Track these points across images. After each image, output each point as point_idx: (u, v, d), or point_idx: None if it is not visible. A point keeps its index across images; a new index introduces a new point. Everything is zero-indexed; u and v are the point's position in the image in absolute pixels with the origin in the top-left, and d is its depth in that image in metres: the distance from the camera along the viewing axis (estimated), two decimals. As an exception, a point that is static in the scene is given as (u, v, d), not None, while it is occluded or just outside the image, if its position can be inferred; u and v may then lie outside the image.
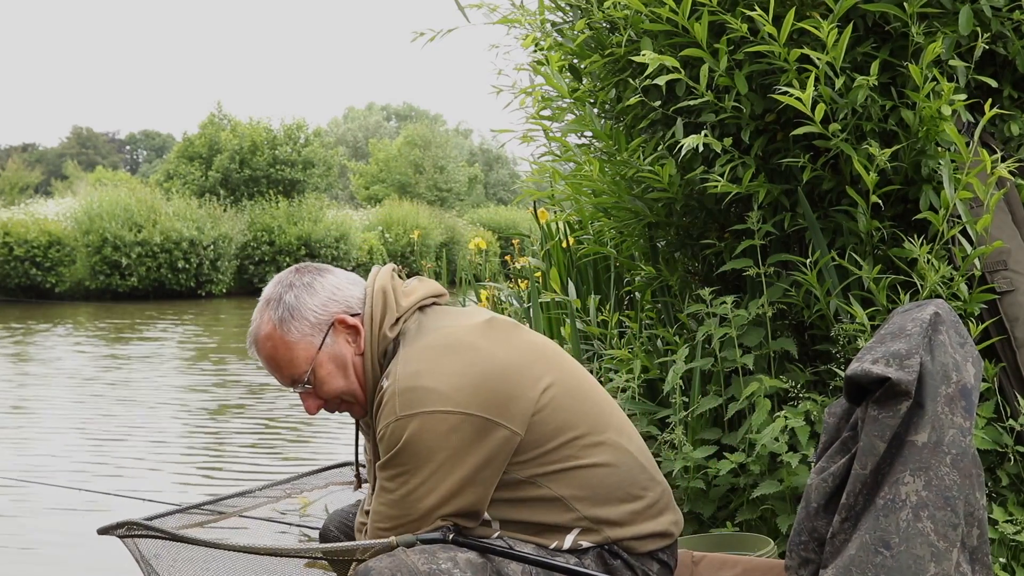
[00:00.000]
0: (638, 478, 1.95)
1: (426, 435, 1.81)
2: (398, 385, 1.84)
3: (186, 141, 28.59)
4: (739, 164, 2.90)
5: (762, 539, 2.51)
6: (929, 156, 2.77)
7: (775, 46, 2.65)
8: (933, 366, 1.68)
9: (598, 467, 1.91)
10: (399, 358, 1.90)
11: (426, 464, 1.81)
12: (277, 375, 1.99)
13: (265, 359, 1.99)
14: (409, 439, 1.81)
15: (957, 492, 1.63)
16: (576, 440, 1.90)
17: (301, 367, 1.96)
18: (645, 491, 1.96)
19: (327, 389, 1.96)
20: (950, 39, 2.77)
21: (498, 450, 1.84)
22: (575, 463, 1.89)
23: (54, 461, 6.60)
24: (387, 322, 1.96)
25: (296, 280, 1.99)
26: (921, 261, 2.67)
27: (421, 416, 1.81)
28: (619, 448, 1.95)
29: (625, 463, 1.94)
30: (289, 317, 1.96)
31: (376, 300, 1.98)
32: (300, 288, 1.98)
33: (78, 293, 22.26)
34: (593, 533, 1.90)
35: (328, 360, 1.96)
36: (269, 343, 1.97)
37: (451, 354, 1.88)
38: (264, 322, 1.98)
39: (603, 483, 1.91)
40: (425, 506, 1.82)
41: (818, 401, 2.81)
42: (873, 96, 2.73)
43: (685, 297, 3.35)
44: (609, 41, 3.18)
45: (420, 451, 1.81)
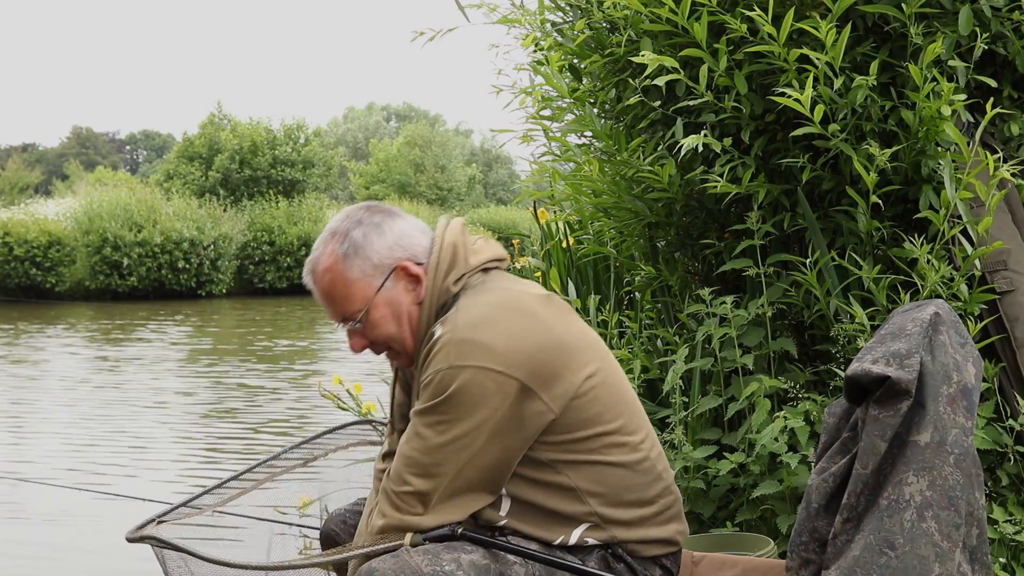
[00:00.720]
0: (654, 485, 1.95)
1: (475, 389, 1.79)
2: (456, 334, 1.82)
3: (186, 141, 28.61)
4: (739, 164, 2.90)
5: (762, 539, 2.51)
6: (929, 156, 2.77)
7: (774, 46, 2.65)
8: (934, 366, 1.68)
9: (619, 467, 1.90)
10: (459, 307, 1.88)
11: (467, 418, 1.80)
12: (329, 309, 1.96)
13: (320, 291, 1.95)
14: (457, 389, 1.79)
15: (960, 492, 1.63)
16: (604, 436, 1.90)
17: (355, 306, 1.93)
18: (658, 498, 1.96)
19: (377, 332, 1.94)
20: (950, 39, 2.76)
21: (531, 423, 1.83)
22: (598, 458, 1.89)
23: (50, 460, 6.60)
24: (452, 276, 1.94)
25: (366, 218, 1.96)
26: (921, 261, 2.67)
27: (473, 369, 1.79)
28: (643, 452, 1.95)
29: (645, 468, 1.94)
30: (353, 254, 1.93)
31: (445, 252, 1.95)
32: (369, 227, 1.95)
33: (78, 293, 22.26)
34: (600, 531, 1.90)
35: (384, 304, 1.93)
36: (328, 276, 1.94)
37: (512, 315, 1.87)
38: (326, 254, 1.94)
39: (620, 483, 1.91)
40: (456, 461, 1.81)
41: (818, 401, 2.81)
42: (873, 96, 2.73)
43: (685, 297, 3.35)
44: (609, 41, 3.18)
45: (464, 403, 1.79)
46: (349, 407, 4.07)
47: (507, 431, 1.82)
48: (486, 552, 1.82)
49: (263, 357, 12.14)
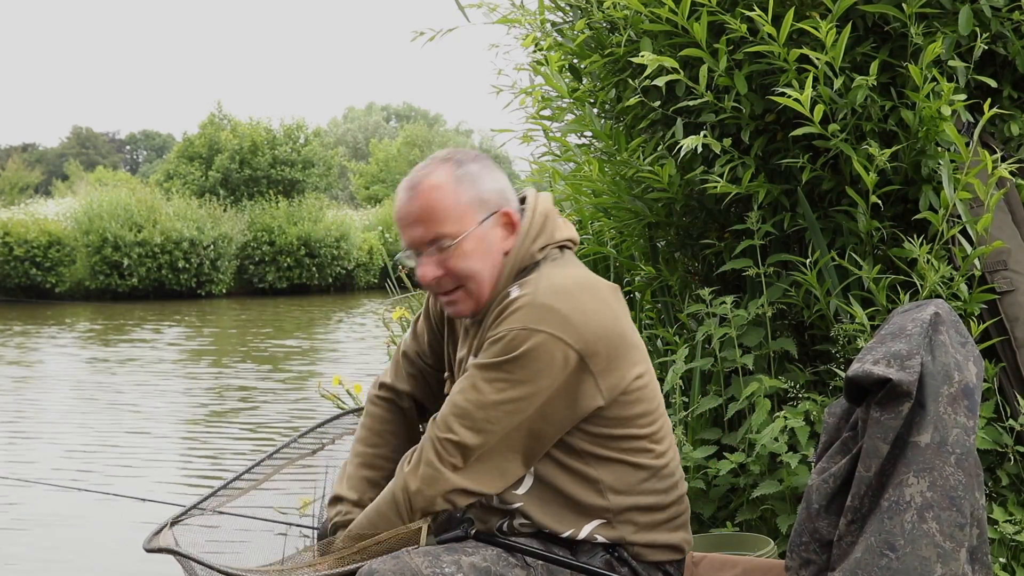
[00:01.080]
0: (671, 492, 1.97)
1: (543, 355, 1.79)
2: (537, 297, 1.83)
3: (186, 141, 28.61)
4: (739, 164, 2.89)
5: (762, 539, 2.51)
6: (929, 156, 2.77)
7: (774, 46, 2.65)
8: (934, 366, 1.68)
9: (643, 469, 1.92)
10: (542, 274, 1.89)
11: (528, 382, 1.80)
12: (421, 227, 1.90)
13: (420, 205, 1.90)
14: (526, 351, 1.79)
15: (963, 492, 1.63)
16: (637, 439, 1.92)
17: (453, 228, 1.89)
18: (672, 505, 1.97)
19: (461, 265, 1.90)
20: (950, 39, 2.76)
21: (581, 404, 1.84)
22: (627, 458, 1.91)
23: (50, 461, 6.60)
24: (539, 243, 1.94)
25: (479, 157, 1.96)
26: (921, 261, 2.67)
27: (547, 335, 1.80)
28: (665, 459, 1.96)
29: (665, 475, 1.96)
30: (468, 181, 1.91)
31: (537, 218, 1.96)
32: (483, 166, 1.95)
33: (78, 293, 22.27)
34: (611, 529, 1.90)
35: (478, 240, 1.91)
36: (435, 192, 1.90)
37: (588, 295, 1.88)
38: (440, 172, 1.91)
39: (641, 485, 1.92)
40: (507, 423, 1.80)
41: (818, 401, 2.81)
42: (873, 96, 2.73)
43: (685, 297, 3.34)
44: (609, 41, 3.18)
45: (529, 366, 1.79)
46: (348, 407, 4.06)
47: (559, 405, 1.82)
48: (487, 555, 1.82)
49: (263, 358, 12.13)
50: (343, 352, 12.90)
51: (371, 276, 26.52)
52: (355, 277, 26.25)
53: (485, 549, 1.83)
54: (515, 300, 1.84)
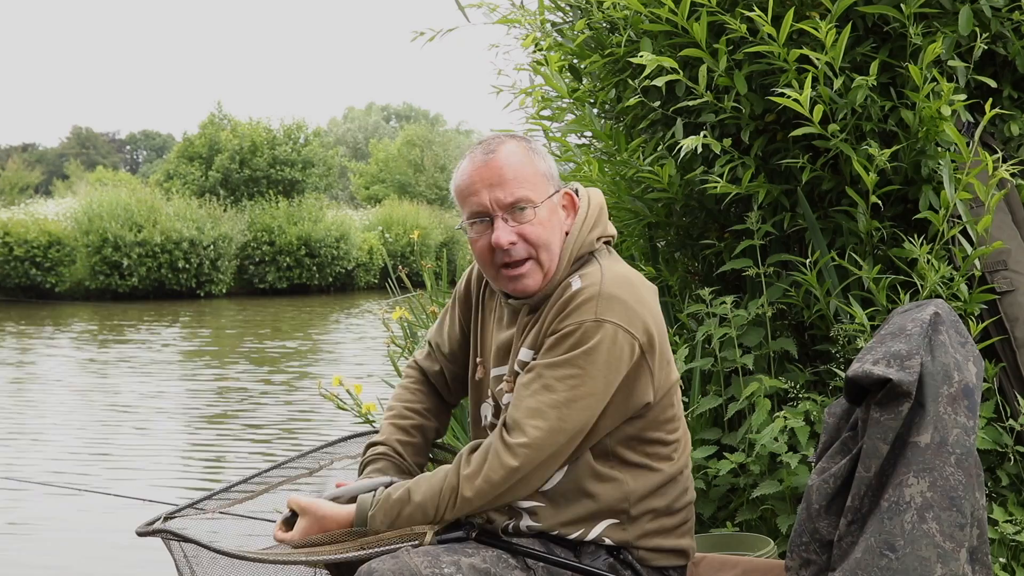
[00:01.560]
0: (681, 498, 1.98)
1: (613, 347, 1.80)
2: (604, 289, 1.83)
3: (186, 141, 28.60)
4: (739, 164, 2.89)
5: (762, 539, 2.51)
6: (929, 156, 2.77)
7: (774, 46, 2.65)
8: (934, 366, 1.68)
9: (662, 473, 1.93)
10: (603, 267, 1.89)
11: (600, 376, 1.80)
12: (502, 189, 1.88)
13: (503, 165, 1.88)
14: (598, 344, 1.79)
15: (963, 492, 1.63)
16: (664, 444, 1.94)
17: (535, 193, 1.89)
18: (681, 511, 1.98)
19: (538, 232, 1.89)
20: (950, 39, 2.76)
21: (635, 398, 1.86)
22: (650, 463, 1.92)
23: (49, 463, 6.60)
24: (596, 233, 1.95)
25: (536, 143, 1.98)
26: (921, 261, 2.67)
27: (617, 327, 1.81)
28: (680, 464, 1.98)
29: (679, 480, 1.97)
30: (540, 155, 1.93)
31: (594, 209, 1.98)
32: (542, 149, 1.97)
33: (78, 293, 22.26)
34: (621, 530, 1.90)
35: (552, 211, 1.92)
36: (517, 156, 1.90)
37: (646, 289, 1.91)
38: (513, 143, 1.92)
39: (658, 490, 1.93)
40: (580, 421, 1.80)
41: (818, 401, 2.81)
42: (872, 96, 2.73)
43: (685, 297, 3.34)
44: (609, 41, 3.18)
45: (600, 360, 1.79)
46: (349, 407, 4.06)
47: (619, 398, 1.84)
48: (487, 556, 1.81)
49: (262, 358, 12.13)
50: (343, 352, 12.90)
51: (371, 276, 26.52)
52: (355, 277, 26.25)
53: (485, 550, 1.82)
54: (580, 291, 1.84)
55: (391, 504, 1.83)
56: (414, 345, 4.76)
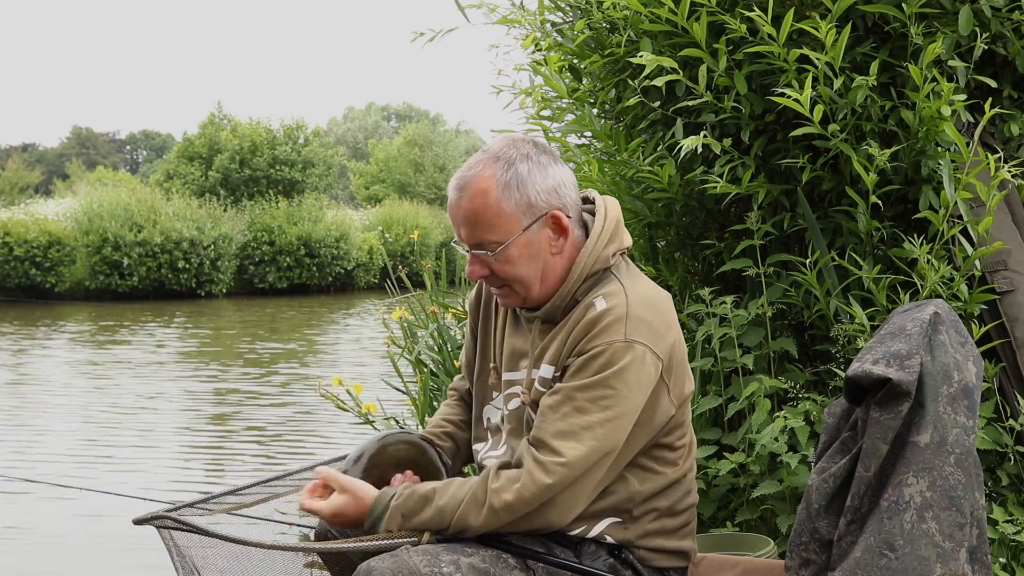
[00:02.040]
0: (684, 500, 1.98)
1: (642, 368, 1.80)
2: (632, 311, 1.83)
3: (186, 141, 28.59)
4: (739, 164, 2.89)
5: (762, 539, 2.51)
6: (929, 156, 2.77)
7: (774, 46, 2.65)
8: (933, 366, 1.68)
9: (667, 476, 1.94)
10: (626, 287, 1.88)
11: (630, 397, 1.80)
12: (466, 230, 1.90)
13: (466, 210, 1.88)
14: (627, 365, 1.79)
15: (962, 492, 1.63)
16: (673, 450, 1.94)
17: (497, 236, 1.88)
18: (683, 512, 1.98)
19: (506, 269, 1.90)
20: (950, 39, 2.76)
21: (659, 415, 1.87)
22: (656, 466, 1.92)
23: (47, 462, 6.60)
24: (611, 248, 1.93)
25: (533, 154, 1.91)
26: (921, 261, 2.67)
27: (646, 348, 1.81)
28: (685, 468, 1.98)
29: (683, 482, 1.98)
30: (515, 186, 1.87)
31: (610, 222, 1.95)
32: (535, 164, 1.89)
33: (78, 293, 22.26)
34: (623, 530, 1.91)
35: (524, 245, 1.89)
36: (480, 199, 1.87)
37: (665, 307, 1.91)
38: (486, 176, 1.88)
39: (662, 492, 1.93)
40: (613, 442, 1.80)
41: (818, 401, 2.81)
42: (873, 96, 2.73)
43: (685, 297, 3.34)
44: (609, 41, 3.18)
45: (630, 380, 1.80)
46: (349, 407, 4.06)
47: (644, 418, 1.85)
48: (486, 555, 1.80)
49: (262, 359, 12.14)
50: (342, 353, 12.90)
51: (371, 276, 26.52)
52: (355, 277, 26.25)
53: (484, 549, 1.81)
54: (607, 312, 1.83)
55: (415, 499, 1.83)
56: (414, 345, 4.76)
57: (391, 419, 4.35)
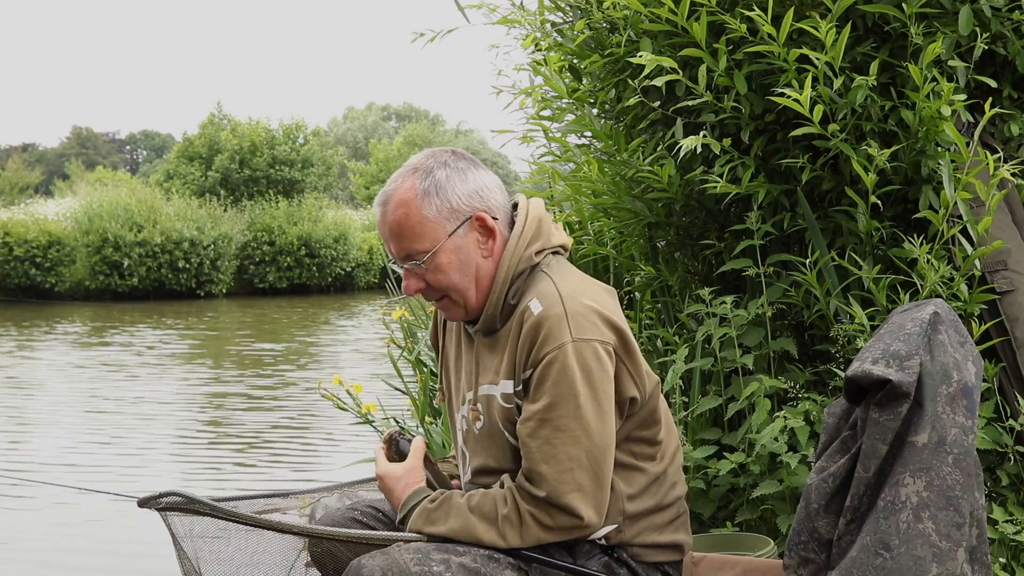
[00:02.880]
0: (670, 493, 1.99)
1: (599, 361, 1.81)
2: (568, 306, 1.82)
3: (186, 141, 28.62)
4: (739, 164, 2.90)
5: (762, 539, 2.51)
6: (929, 156, 2.77)
7: (774, 46, 2.65)
8: (932, 366, 1.68)
9: (649, 473, 1.94)
10: (557, 283, 1.88)
11: (598, 390, 1.81)
12: (394, 244, 1.92)
13: (390, 224, 1.91)
14: (583, 363, 1.79)
15: (960, 492, 1.63)
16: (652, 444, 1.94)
17: (424, 245, 1.90)
18: (671, 506, 1.99)
19: (439, 278, 1.91)
20: (950, 39, 2.76)
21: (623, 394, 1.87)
22: (637, 463, 1.93)
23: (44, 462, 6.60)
24: (534, 247, 1.93)
25: (451, 161, 1.93)
26: (921, 261, 2.67)
27: (594, 343, 1.81)
28: (666, 462, 1.98)
29: (667, 475, 1.98)
30: (433, 193, 1.89)
31: (531, 222, 1.95)
32: (453, 170, 1.92)
33: (78, 293, 22.27)
34: (618, 532, 1.91)
35: (452, 250, 1.90)
36: (402, 210, 1.89)
37: (603, 293, 1.91)
38: (405, 188, 1.90)
39: (647, 490, 1.94)
40: (602, 438, 1.81)
41: (818, 401, 2.81)
42: (872, 96, 2.73)
43: (685, 297, 3.35)
44: (609, 41, 3.18)
45: (592, 377, 1.80)
46: (349, 407, 4.06)
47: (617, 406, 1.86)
48: (477, 555, 1.80)
49: (262, 359, 12.13)
50: (342, 353, 12.90)
51: (371, 276, 26.53)
52: (355, 277, 26.27)
53: (476, 549, 1.81)
54: (546, 316, 1.83)
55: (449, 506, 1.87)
56: (414, 345, 4.76)
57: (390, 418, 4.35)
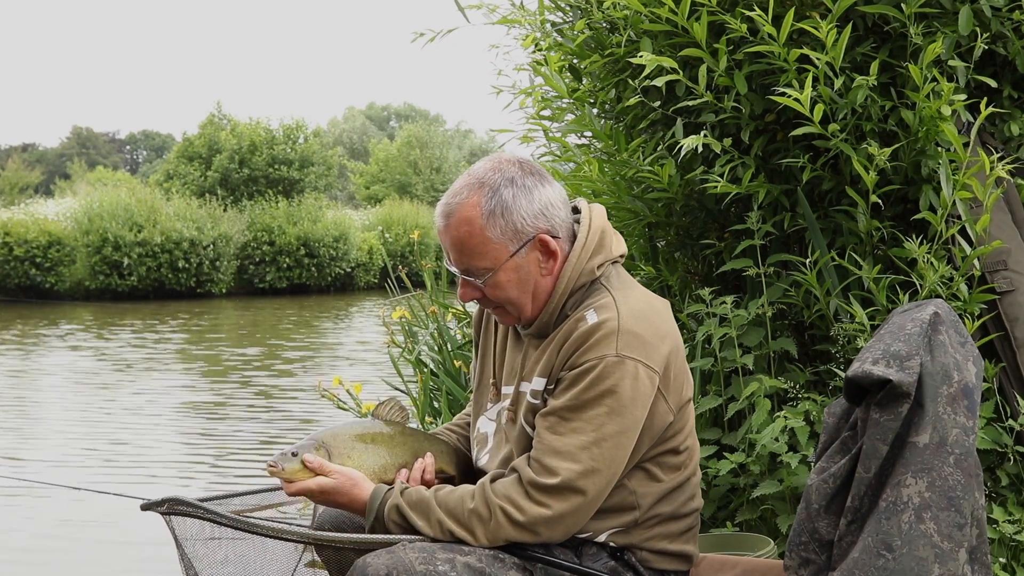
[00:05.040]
0: (688, 504, 1.99)
1: (637, 383, 1.80)
2: (624, 324, 1.81)
3: (186, 141, 28.61)
4: (739, 164, 2.90)
5: (762, 539, 2.51)
6: (929, 156, 2.77)
7: (774, 46, 2.65)
8: (933, 366, 1.68)
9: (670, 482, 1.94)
10: (617, 300, 1.87)
11: (627, 413, 1.80)
12: (454, 256, 1.90)
13: (452, 239, 1.88)
14: (620, 381, 1.79)
15: (962, 492, 1.63)
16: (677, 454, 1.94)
17: (484, 264, 1.88)
18: (686, 516, 1.99)
19: (496, 293, 1.90)
20: (950, 39, 2.76)
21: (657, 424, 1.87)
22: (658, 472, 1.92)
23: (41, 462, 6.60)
24: (596, 260, 1.92)
25: (518, 179, 1.88)
26: (921, 261, 2.67)
27: (639, 364, 1.80)
28: (688, 471, 1.98)
29: (688, 486, 1.98)
30: (500, 213, 1.86)
31: (593, 235, 1.94)
32: (520, 188, 1.88)
33: (78, 293, 22.26)
34: (626, 535, 1.91)
35: (513, 270, 1.89)
36: (465, 228, 1.87)
37: (660, 317, 1.90)
38: (470, 204, 1.87)
39: (666, 497, 1.94)
40: (612, 460, 1.80)
41: (818, 401, 2.81)
42: (873, 96, 2.73)
43: (685, 297, 3.34)
44: (609, 41, 3.18)
45: (624, 396, 1.79)
46: (349, 408, 4.06)
47: (645, 428, 1.85)
48: (482, 555, 1.80)
49: (262, 359, 12.13)
50: (343, 352, 12.89)
51: (371, 276, 26.52)
52: (355, 277, 26.25)
53: (481, 549, 1.81)
54: (599, 326, 1.82)
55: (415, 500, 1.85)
56: (414, 345, 4.76)
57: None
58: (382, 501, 1.86)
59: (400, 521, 1.84)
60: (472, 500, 1.82)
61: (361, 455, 1.98)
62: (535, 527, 1.79)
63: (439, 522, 1.81)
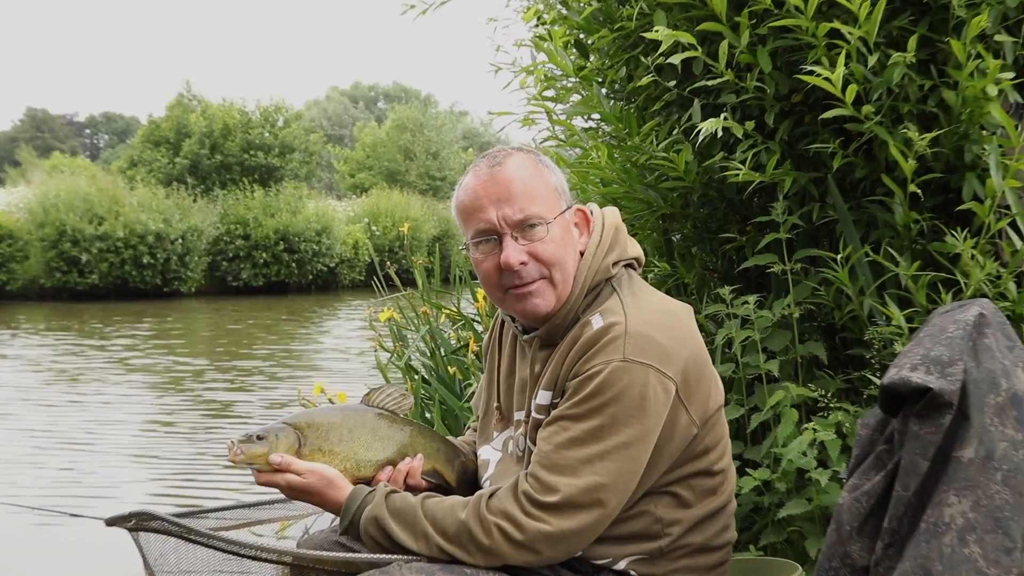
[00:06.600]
0: (723, 535, 1.99)
1: (646, 390, 1.80)
2: (631, 327, 1.82)
3: (151, 124, 28.65)
4: (762, 150, 2.90)
5: (789, 564, 2.51)
6: (973, 141, 2.77)
7: (802, 20, 2.65)
8: (978, 373, 1.68)
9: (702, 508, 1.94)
10: (625, 302, 1.89)
11: (635, 424, 1.79)
12: (508, 205, 1.90)
13: (510, 179, 1.90)
14: (627, 388, 1.79)
15: (1010, 513, 1.63)
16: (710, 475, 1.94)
17: (544, 210, 1.90)
18: (720, 549, 1.99)
19: (550, 250, 1.90)
20: (996, 11, 2.76)
21: (679, 436, 1.87)
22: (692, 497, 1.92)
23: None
24: (612, 257, 1.96)
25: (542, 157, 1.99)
26: (964, 257, 2.67)
27: (649, 368, 1.80)
28: (724, 501, 1.99)
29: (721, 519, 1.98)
30: (549, 169, 1.96)
31: (608, 231, 1.98)
32: (552, 163, 1.99)
33: (32, 292, 22.29)
34: (650, 564, 1.91)
35: (565, 228, 1.94)
36: (524, 171, 1.91)
37: (674, 320, 1.91)
38: (520, 156, 1.94)
39: (696, 526, 1.94)
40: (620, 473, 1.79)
41: (850, 411, 2.81)
42: (910, 75, 2.73)
43: (703, 296, 3.35)
44: (619, 14, 3.18)
45: (631, 405, 1.79)
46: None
47: (664, 442, 1.84)
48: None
49: (235, 364, 12.14)
50: (324, 357, 12.91)
51: (356, 273, 26.56)
52: (338, 274, 26.28)
53: (484, 572, 1.82)
54: (605, 330, 1.83)
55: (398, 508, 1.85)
56: (403, 349, 4.77)
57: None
58: (360, 506, 1.87)
59: (378, 535, 1.83)
60: (464, 512, 1.82)
61: (336, 446, 1.96)
62: (535, 545, 1.78)
63: (425, 535, 1.81)
